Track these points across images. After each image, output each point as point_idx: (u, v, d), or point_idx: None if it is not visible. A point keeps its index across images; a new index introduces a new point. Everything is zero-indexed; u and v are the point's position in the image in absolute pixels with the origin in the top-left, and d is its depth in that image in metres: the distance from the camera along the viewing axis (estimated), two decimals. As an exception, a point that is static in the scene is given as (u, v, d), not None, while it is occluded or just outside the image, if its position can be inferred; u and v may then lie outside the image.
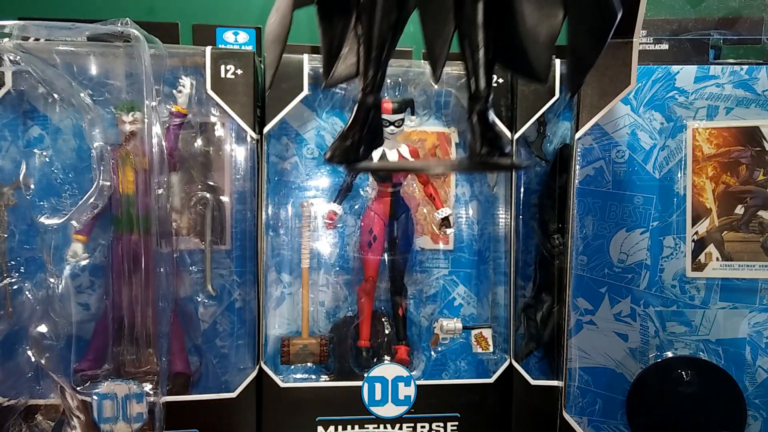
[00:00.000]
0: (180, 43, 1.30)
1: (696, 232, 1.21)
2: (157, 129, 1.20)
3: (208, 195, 1.28)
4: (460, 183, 1.41)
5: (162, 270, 1.22)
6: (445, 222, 1.35)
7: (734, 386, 1.20)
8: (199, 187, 1.28)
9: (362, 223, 1.35)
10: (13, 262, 1.23)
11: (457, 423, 1.30)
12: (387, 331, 1.37)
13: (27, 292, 1.24)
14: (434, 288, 1.41)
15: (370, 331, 1.35)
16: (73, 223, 1.21)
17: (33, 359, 1.23)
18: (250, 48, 1.28)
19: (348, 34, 0.92)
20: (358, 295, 1.36)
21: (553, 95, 1.29)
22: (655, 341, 1.23)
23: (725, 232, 1.20)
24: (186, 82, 1.24)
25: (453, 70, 1.30)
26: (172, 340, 1.26)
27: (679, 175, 1.21)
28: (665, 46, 1.22)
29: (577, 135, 1.21)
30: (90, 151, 1.22)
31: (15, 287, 1.23)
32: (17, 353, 1.24)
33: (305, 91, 1.26)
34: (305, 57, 1.26)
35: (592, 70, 1.20)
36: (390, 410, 1.28)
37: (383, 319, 1.38)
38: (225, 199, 1.28)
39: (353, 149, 0.85)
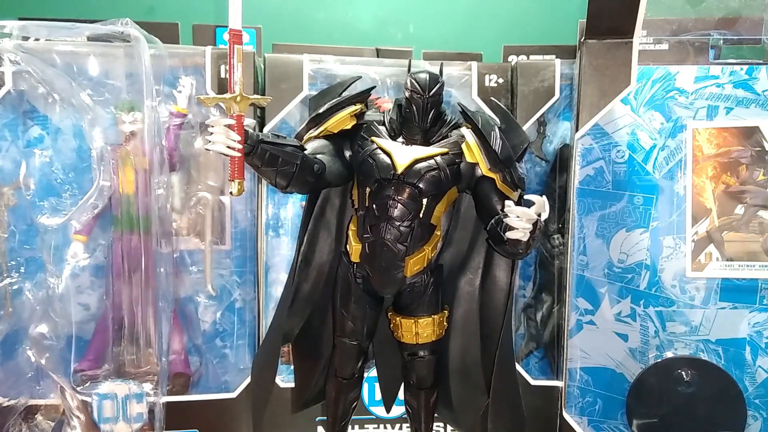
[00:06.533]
0: (180, 43, 1.30)
1: (696, 232, 1.21)
2: (157, 129, 1.20)
3: (208, 195, 1.28)
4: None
5: (162, 270, 1.22)
6: None
7: (734, 386, 1.20)
8: (199, 187, 1.28)
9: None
10: (13, 262, 1.23)
11: (457, 423, 1.30)
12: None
13: (27, 292, 1.23)
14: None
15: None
16: (73, 223, 1.21)
17: (33, 359, 1.23)
18: (250, 48, 1.28)
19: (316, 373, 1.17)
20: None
21: (553, 95, 1.29)
22: (655, 341, 1.23)
23: (725, 232, 1.20)
24: (186, 82, 1.23)
25: (453, 69, 1.30)
26: (172, 340, 1.26)
27: (679, 175, 1.21)
28: (665, 46, 1.22)
29: (577, 135, 1.21)
30: (90, 151, 1.22)
31: (15, 287, 1.23)
32: (17, 353, 1.24)
33: (305, 91, 1.26)
34: (305, 57, 1.26)
35: (592, 71, 1.22)
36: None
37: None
38: (225, 199, 1.28)
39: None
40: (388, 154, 0.99)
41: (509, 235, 0.90)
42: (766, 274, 1.19)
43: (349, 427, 1.20)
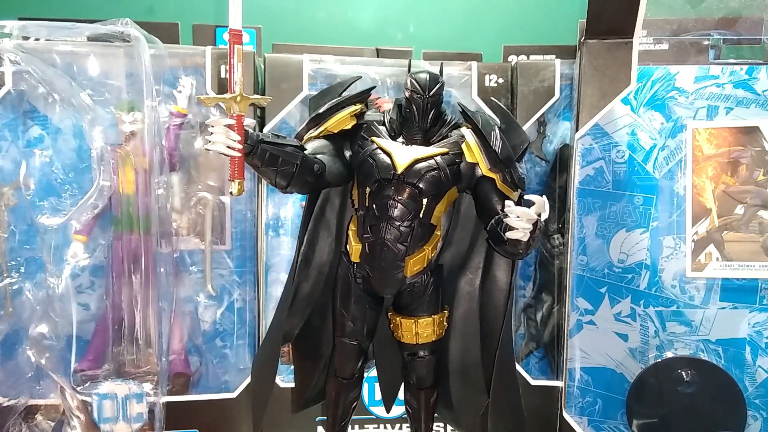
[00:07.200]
0: (180, 43, 1.30)
1: (696, 232, 1.21)
2: (157, 129, 1.20)
3: (208, 195, 1.28)
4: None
5: (162, 270, 1.22)
6: None
7: (734, 386, 1.20)
8: (199, 187, 1.28)
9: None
10: (13, 262, 1.23)
11: (457, 423, 1.30)
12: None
13: (27, 292, 1.23)
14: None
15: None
16: (73, 223, 1.21)
17: (33, 359, 1.23)
18: (250, 48, 1.28)
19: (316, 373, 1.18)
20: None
21: (553, 95, 1.29)
22: (655, 341, 1.23)
23: (725, 232, 1.20)
24: (186, 82, 1.23)
25: (453, 69, 1.30)
26: (172, 340, 1.26)
27: (679, 175, 1.21)
28: (665, 46, 1.22)
29: (577, 135, 1.21)
30: (90, 151, 1.22)
31: (15, 287, 1.23)
32: (17, 353, 1.24)
33: (305, 91, 1.26)
34: (305, 57, 1.26)
35: (592, 70, 1.22)
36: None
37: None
38: (225, 199, 1.28)
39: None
40: (388, 154, 0.99)
41: (509, 235, 0.90)
42: (766, 274, 1.19)
43: (349, 427, 1.20)
